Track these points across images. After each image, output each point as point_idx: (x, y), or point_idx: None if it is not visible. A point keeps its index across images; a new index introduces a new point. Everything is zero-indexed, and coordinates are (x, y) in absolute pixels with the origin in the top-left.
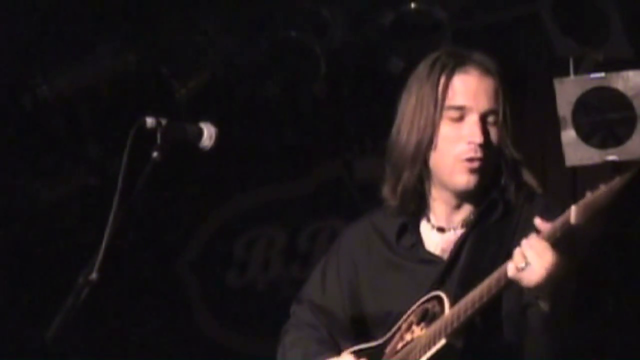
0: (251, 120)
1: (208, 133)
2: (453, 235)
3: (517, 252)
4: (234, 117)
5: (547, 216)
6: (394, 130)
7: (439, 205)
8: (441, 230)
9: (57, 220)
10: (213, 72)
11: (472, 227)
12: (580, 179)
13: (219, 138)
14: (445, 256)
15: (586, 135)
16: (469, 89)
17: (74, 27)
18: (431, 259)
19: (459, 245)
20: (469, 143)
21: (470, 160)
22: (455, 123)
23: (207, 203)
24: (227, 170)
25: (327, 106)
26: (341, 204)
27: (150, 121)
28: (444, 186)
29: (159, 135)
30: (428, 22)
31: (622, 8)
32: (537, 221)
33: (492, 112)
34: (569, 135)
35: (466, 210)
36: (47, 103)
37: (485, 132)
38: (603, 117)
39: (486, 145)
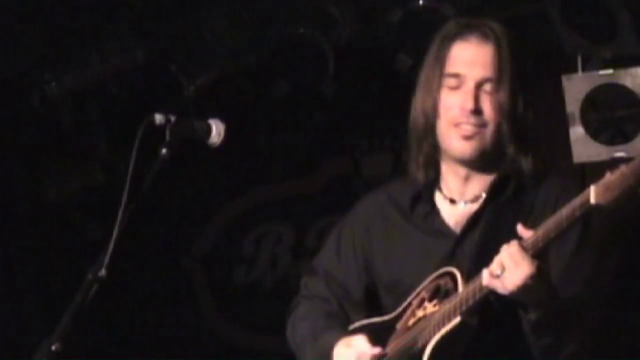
0: (259, 118)
1: (216, 130)
2: (465, 209)
3: (496, 258)
4: (242, 114)
5: (565, 197)
6: (413, 105)
7: (450, 176)
8: (453, 202)
9: (65, 217)
10: (221, 69)
11: (485, 202)
12: (589, 176)
13: (227, 135)
14: (458, 230)
15: (594, 132)
16: (465, 57)
17: (82, 24)
18: (444, 231)
19: (473, 220)
20: (461, 109)
21: (460, 125)
22: (453, 91)
23: (216, 200)
24: (236, 167)
25: (335, 104)
26: (349, 201)
27: (159, 118)
28: (448, 154)
29: (167, 132)
30: (436, 19)
31: (630, 5)
32: (520, 228)
33: (488, 80)
34: (577, 131)
35: (477, 183)
36: (56, 100)
37: (477, 99)
38: (611, 113)
39: (478, 112)
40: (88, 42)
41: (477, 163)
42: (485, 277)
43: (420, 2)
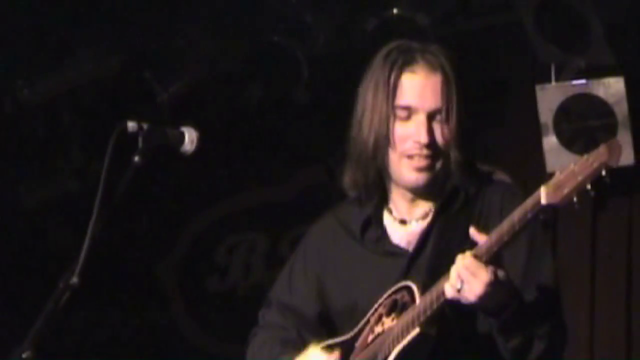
0: (233, 125)
1: (189, 137)
2: (416, 227)
3: (453, 271)
4: (217, 122)
5: (512, 201)
6: (355, 124)
7: (398, 198)
8: (403, 222)
9: (38, 224)
10: (195, 76)
11: (435, 218)
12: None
13: (201, 142)
14: (411, 248)
15: (568, 142)
16: (415, 89)
17: (56, 31)
18: (397, 251)
19: (424, 237)
20: (414, 142)
21: (414, 157)
22: (405, 121)
23: (190, 208)
24: (209, 175)
25: (309, 112)
26: (323, 209)
27: (131, 125)
28: (397, 182)
29: (140, 140)
30: (411, 29)
31: (603, 16)
32: (472, 231)
33: (439, 110)
34: (550, 141)
35: (425, 202)
36: (29, 107)
37: (430, 132)
38: (584, 123)
39: (432, 144)
40: (62, 49)
41: (424, 188)
42: (448, 290)
43: (395, 11)
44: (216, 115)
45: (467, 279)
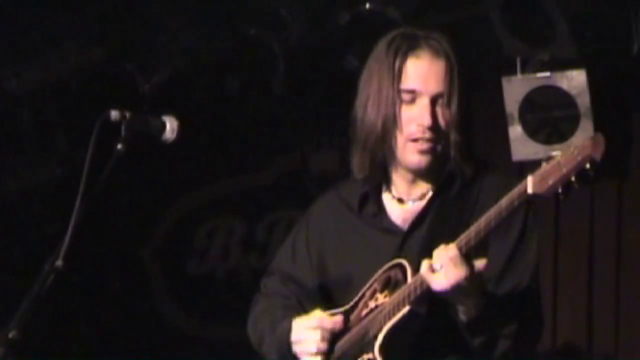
0: (212, 115)
1: (170, 126)
2: (413, 207)
3: (435, 253)
4: (196, 111)
5: (505, 190)
6: (359, 107)
7: (398, 179)
8: (401, 201)
9: (25, 208)
10: (176, 67)
11: (432, 200)
12: (527, 173)
13: (181, 131)
14: (406, 227)
15: (532, 132)
16: (419, 72)
17: (42, 23)
18: (392, 228)
19: (420, 217)
20: (418, 125)
21: (418, 140)
22: (409, 105)
23: (170, 193)
24: (189, 162)
25: (285, 102)
26: (298, 195)
27: (115, 114)
28: (400, 164)
29: (123, 128)
30: (382, 22)
31: (566, 11)
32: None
33: (442, 94)
34: (516, 131)
35: (424, 184)
36: (16, 97)
37: (434, 115)
38: (548, 114)
39: (435, 127)
40: (47, 41)
41: (423, 171)
42: (424, 268)
43: (367, 5)
44: (196, 105)
45: (446, 265)
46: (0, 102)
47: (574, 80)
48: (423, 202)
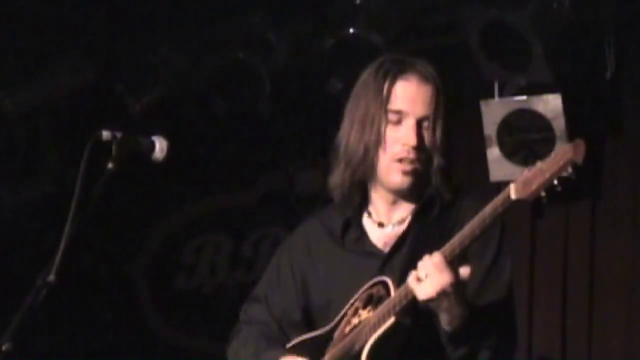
0: (201, 135)
1: (160, 146)
2: (393, 231)
3: (420, 263)
4: (185, 132)
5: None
6: (344, 132)
7: (379, 202)
8: (381, 225)
9: (18, 224)
10: (165, 89)
11: (412, 223)
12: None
13: (170, 151)
14: (387, 249)
15: (509, 153)
16: (407, 94)
17: (35, 46)
18: (374, 251)
19: (400, 239)
20: (404, 145)
21: (403, 161)
22: (395, 126)
23: (159, 211)
24: (179, 180)
25: (271, 123)
26: (283, 213)
27: (106, 134)
28: (382, 185)
29: (114, 148)
30: (365, 47)
31: (542, 38)
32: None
33: (427, 118)
34: (493, 152)
35: (403, 207)
36: (10, 116)
37: (419, 136)
38: (525, 136)
39: (420, 148)
40: (40, 63)
41: (405, 192)
42: (411, 279)
43: (351, 30)
44: (185, 125)
45: (431, 273)
46: None
47: (550, 104)
48: (403, 226)
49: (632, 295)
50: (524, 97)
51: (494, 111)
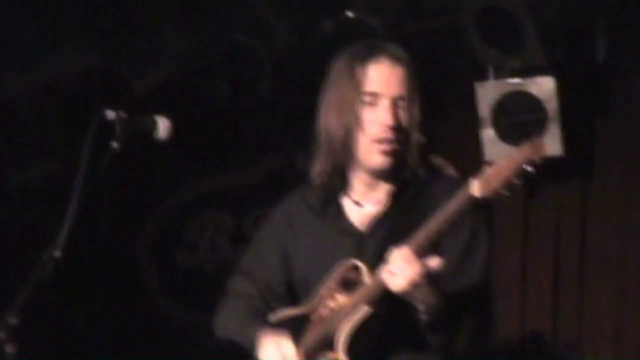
0: (203, 116)
1: (163, 126)
2: (371, 210)
3: (391, 257)
4: (188, 112)
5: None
6: (322, 117)
7: (358, 182)
8: (359, 205)
9: (25, 202)
10: (168, 71)
11: (389, 203)
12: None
13: (173, 130)
14: (364, 229)
15: (503, 134)
16: (381, 76)
17: (41, 29)
18: (351, 230)
19: (377, 220)
20: (381, 125)
21: (382, 141)
22: (371, 108)
23: (164, 190)
24: (181, 160)
25: (271, 104)
26: (283, 192)
27: (110, 114)
28: (362, 166)
29: (118, 127)
30: (364, 30)
31: (536, 22)
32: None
33: (402, 97)
34: (488, 133)
35: (382, 188)
36: (17, 96)
37: (395, 116)
38: (518, 118)
39: (397, 127)
40: (46, 45)
41: (384, 172)
42: (384, 274)
43: (350, 14)
44: (188, 106)
45: (401, 266)
46: (2, 102)
47: (543, 87)
48: (380, 207)
49: (623, 276)
50: (518, 80)
51: (488, 93)
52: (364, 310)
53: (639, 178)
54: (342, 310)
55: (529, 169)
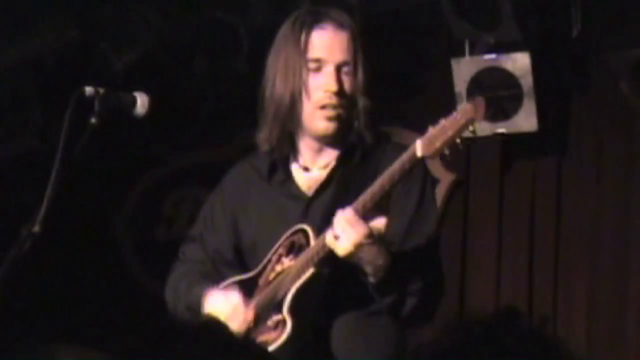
0: (181, 92)
1: (141, 101)
2: (317, 174)
3: (335, 221)
4: (166, 88)
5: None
6: (268, 84)
7: (305, 148)
8: (307, 169)
9: (3, 177)
10: (146, 47)
11: (335, 167)
12: (474, 148)
13: (151, 106)
14: (311, 193)
15: None
16: (324, 42)
17: (20, 5)
18: (298, 194)
19: (324, 184)
20: (325, 91)
21: (326, 107)
22: (316, 74)
23: (141, 166)
24: (159, 136)
25: (249, 80)
26: None
27: (89, 90)
28: (307, 132)
29: (96, 103)
30: (340, 6)
31: None
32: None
33: (346, 63)
34: None
35: (328, 153)
36: None
37: (340, 81)
38: (494, 94)
39: (341, 93)
40: (25, 22)
41: (331, 138)
42: (329, 238)
43: None
44: (165, 82)
45: (345, 228)
46: None
47: (518, 62)
48: (327, 170)
49: (596, 247)
50: (494, 56)
51: (464, 69)
52: (309, 272)
53: (612, 153)
54: (289, 273)
55: (471, 128)
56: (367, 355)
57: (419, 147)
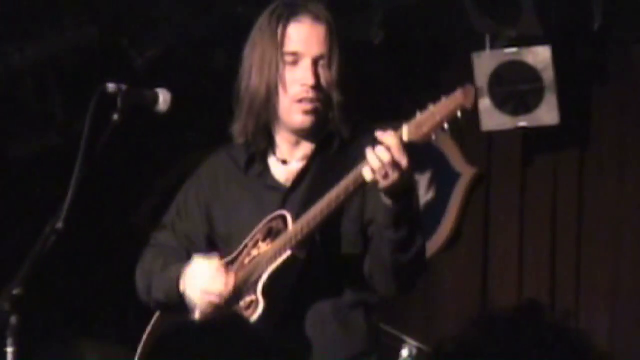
0: (201, 87)
1: (163, 98)
2: (295, 166)
3: (369, 155)
4: (187, 84)
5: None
6: (244, 76)
7: (282, 141)
8: (285, 162)
9: (26, 174)
10: (168, 43)
11: (312, 159)
12: (495, 142)
13: (173, 103)
14: (289, 185)
15: (500, 104)
16: (301, 36)
17: (42, 3)
18: (276, 185)
19: (301, 175)
20: (302, 85)
21: (303, 101)
22: (292, 67)
23: (162, 162)
24: (180, 132)
25: None
26: None
27: (111, 87)
28: (284, 125)
29: (119, 100)
30: (362, 1)
31: None
32: (379, 133)
33: (323, 56)
34: (485, 103)
35: (306, 146)
36: (18, 69)
37: (316, 75)
38: (515, 87)
39: (318, 87)
40: (48, 19)
41: (307, 131)
42: (367, 171)
43: None
44: (186, 78)
45: (390, 152)
46: (3, 75)
47: (540, 56)
48: (304, 162)
49: (618, 240)
50: (515, 49)
51: (485, 63)
52: (285, 254)
53: (634, 145)
54: (265, 256)
55: (460, 114)
56: (340, 346)
57: (405, 132)
